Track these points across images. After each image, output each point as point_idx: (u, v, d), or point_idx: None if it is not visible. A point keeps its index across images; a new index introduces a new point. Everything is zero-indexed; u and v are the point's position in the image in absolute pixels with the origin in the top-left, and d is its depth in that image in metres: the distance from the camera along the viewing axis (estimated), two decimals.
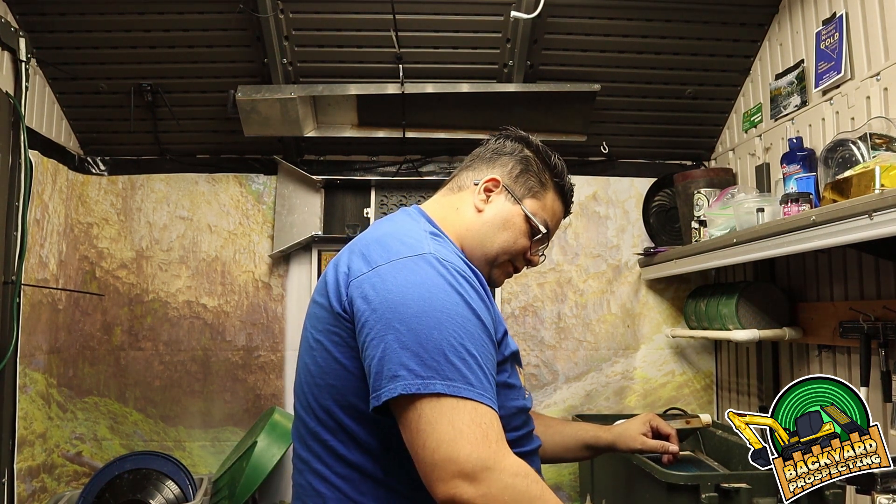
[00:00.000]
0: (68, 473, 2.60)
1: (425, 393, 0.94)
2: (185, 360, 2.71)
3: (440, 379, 0.94)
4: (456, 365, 0.96)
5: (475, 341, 1.00)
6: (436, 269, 1.04)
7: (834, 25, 1.97)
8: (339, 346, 1.07)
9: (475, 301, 1.04)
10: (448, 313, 0.99)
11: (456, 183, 1.33)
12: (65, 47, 2.38)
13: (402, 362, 0.95)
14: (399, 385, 0.94)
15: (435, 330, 0.97)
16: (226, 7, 2.26)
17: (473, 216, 1.27)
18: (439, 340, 0.96)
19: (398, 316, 0.98)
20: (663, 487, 1.65)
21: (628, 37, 2.42)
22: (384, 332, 0.98)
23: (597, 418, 2.53)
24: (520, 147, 1.36)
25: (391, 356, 0.96)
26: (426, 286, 1.01)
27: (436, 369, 0.95)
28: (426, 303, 0.99)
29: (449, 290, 1.02)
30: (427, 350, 0.96)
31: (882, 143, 1.68)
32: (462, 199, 1.29)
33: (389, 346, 0.97)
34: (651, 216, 2.82)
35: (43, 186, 2.44)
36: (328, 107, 2.58)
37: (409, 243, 1.09)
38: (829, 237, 1.58)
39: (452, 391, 0.94)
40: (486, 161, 1.34)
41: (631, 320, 2.82)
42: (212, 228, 2.76)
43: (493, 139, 1.38)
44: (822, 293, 2.14)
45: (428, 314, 0.98)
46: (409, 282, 1.01)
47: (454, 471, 0.90)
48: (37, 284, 2.39)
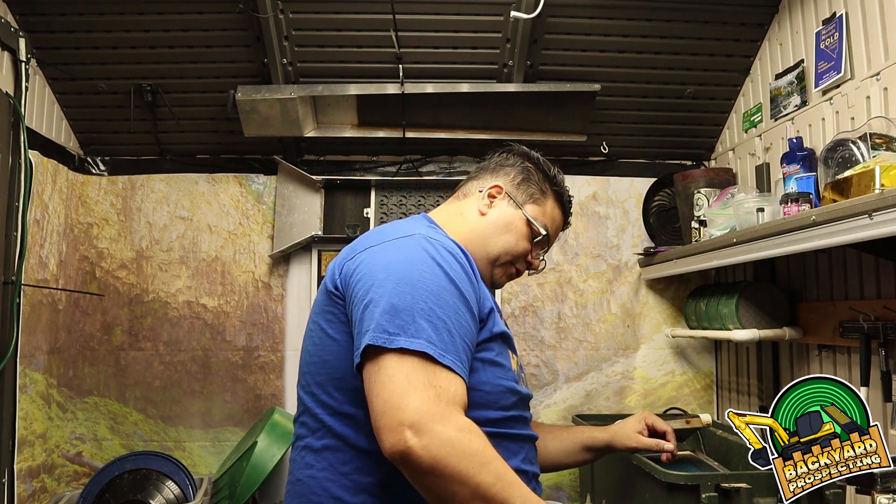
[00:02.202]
0: (68, 473, 2.60)
1: (390, 348, 0.99)
2: (185, 361, 2.71)
3: (405, 336, 1.00)
4: (422, 326, 1.01)
5: (448, 308, 1.06)
6: (421, 246, 1.13)
7: (834, 25, 1.97)
8: (332, 322, 1.16)
9: (456, 273, 1.11)
10: (425, 281, 1.06)
11: (462, 192, 1.44)
12: (65, 47, 2.38)
13: (376, 320, 1.02)
14: (367, 338, 1.01)
15: (409, 295, 1.04)
16: (226, 7, 2.26)
17: (477, 219, 1.36)
18: (412, 303, 1.03)
19: (379, 281, 1.07)
20: (663, 487, 1.65)
21: (628, 37, 2.42)
22: (364, 296, 1.07)
23: (597, 418, 2.53)
24: (521, 160, 1.44)
25: (368, 316, 1.04)
26: (409, 258, 1.10)
27: (403, 328, 1.00)
28: (406, 271, 1.08)
29: (430, 261, 1.10)
30: (399, 310, 1.02)
31: (882, 142, 1.68)
32: (467, 205, 1.39)
33: (368, 308, 1.05)
34: (651, 216, 2.82)
35: (43, 186, 2.44)
36: (328, 107, 2.58)
37: (402, 230, 1.21)
38: (829, 237, 1.58)
39: (415, 347, 0.99)
40: (490, 171, 1.43)
41: (631, 320, 2.82)
42: (212, 228, 2.76)
43: (496, 153, 1.47)
44: (822, 293, 2.14)
45: (406, 280, 1.06)
46: (395, 256, 1.11)
47: (400, 419, 0.94)
48: (37, 285, 2.39)
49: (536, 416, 2.76)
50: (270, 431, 2.38)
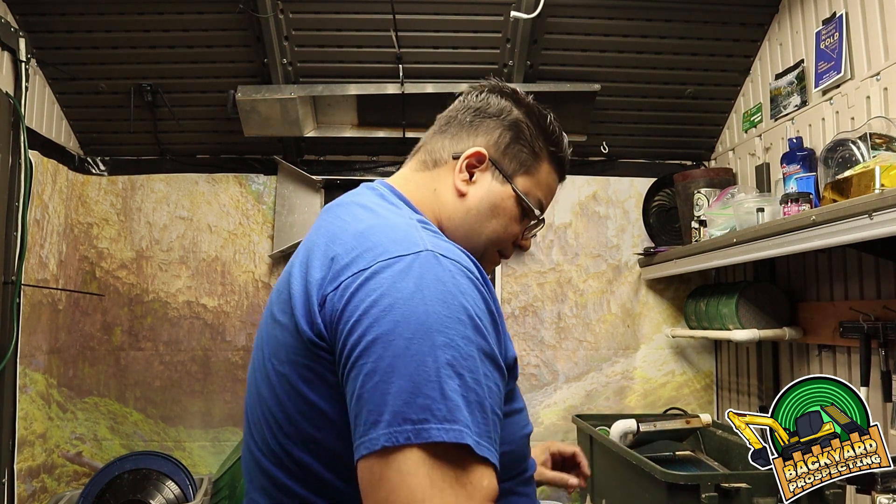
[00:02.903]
0: (68, 473, 2.60)
1: (416, 444, 0.70)
2: (185, 361, 2.71)
3: (435, 421, 0.71)
4: (455, 403, 0.72)
5: (478, 372, 0.75)
6: (434, 273, 0.78)
7: (834, 25, 1.97)
8: (313, 384, 0.81)
9: (481, 312, 0.79)
10: (449, 334, 0.75)
11: (430, 154, 1.04)
12: (65, 47, 2.38)
13: (389, 403, 0.71)
14: (380, 433, 0.71)
15: (430, 358, 0.73)
16: (226, 7, 2.26)
17: (455, 202, 1.00)
18: (436, 370, 0.72)
19: (385, 335, 0.74)
20: (663, 487, 1.64)
21: (628, 37, 2.42)
22: (364, 358, 0.74)
23: (597, 418, 2.53)
24: (507, 106, 1.06)
25: (375, 393, 0.72)
26: (423, 298, 0.76)
27: (429, 409, 0.71)
28: (422, 321, 0.74)
29: (451, 299, 0.77)
30: (419, 384, 0.72)
31: (882, 142, 1.68)
32: (440, 178, 1.02)
33: (372, 379, 0.73)
34: (651, 216, 2.82)
35: (43, 186, 2.44)
36: (328, 107, 2.58)
37: (399, 238, 0.83)
38: (829, 237, 1.58)
39: (451, 438, 0.71)
40: (467, 126, 1.04)
41: (631, 320, 2.82)
42: (212, 228, 2.76)
43: (473, 93, 1.08)
44: (822, 293, 2.14)
45: (423, 336, 0.74)
46: (402, 290, 0.76)
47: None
48: (37, 285, 2.39)
49: (536, 416, 2.76)
50: None
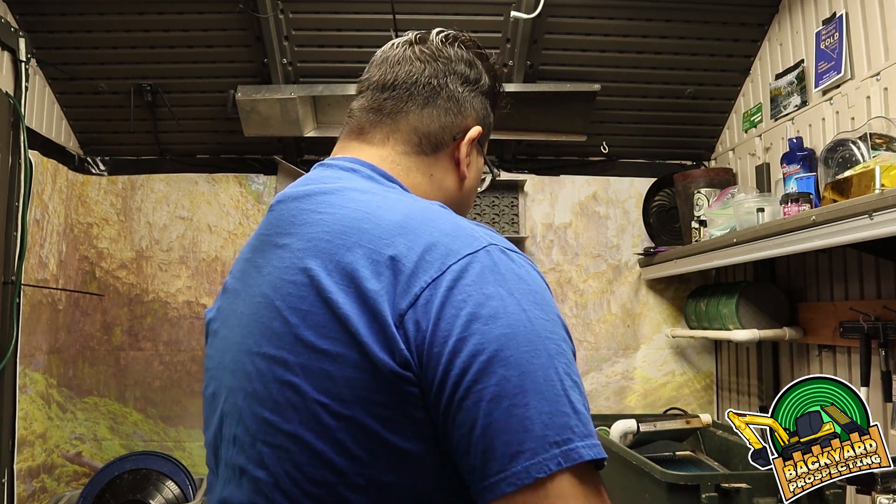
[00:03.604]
0: (68, 474, 2.60)
1: (567, 467, 0.62)
2: (185, 361, 2.71)
3: (579, 439, 0.63)
4: (584, 416, 0.65)
5: (579, 374, 0.68)
6: (513, 272, 0.69)
7: (834, 25, 1.97)
8: (395, 424, 0.67)
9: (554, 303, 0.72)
10: (555, 339, 0.67)
11: (423, 135, 0.87)
12: (65, 47, 2.38)
13: (527, 426, 0.62)
14: (531, 465, 0.61)
15: (551, 369, 0.65)
16: (226, 7, 2.26)
17: (455, 187, 0.91)
18: (560, 381, 0.65)
19: (501, 354, 0.63)
20: (663, 487, 1.64)
21: (628, 37, 2.42)
22: (481, 383, 0.63)
23: (597, 418, 2.53)
24: (482, 73, 0.92)
25: (507, 419, 0.62)
26: (516, 300, 0.67)
27: (570, 427, 0.63)
28: (528, 328, 0.65)
29: (541, 301, 0.68)
30: (551, 399, 0.63)
31: (882, 142, 1.68)
32: (438, 164, 0.89)
33: (497, 404, 0.63)
34: (651, 216, 2.82)
35: (43, 186, 2.44)
36: (328, 107, 2.58)
37: (448, 230, 0.71)
38: (829, 237, 1.58)
39: (596, 454, 0.64)
40: (457, 101, 0.88)
41: (631, 320, 2.82)
42: (212, 228, 2.76)
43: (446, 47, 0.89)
44: (822, 293, 2.14)
45: (538, 347, 0.65)
46: (495, 298, 0.66)
47: None
48: (37, 284, 2.39)
49: None
50: None
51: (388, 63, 0.89)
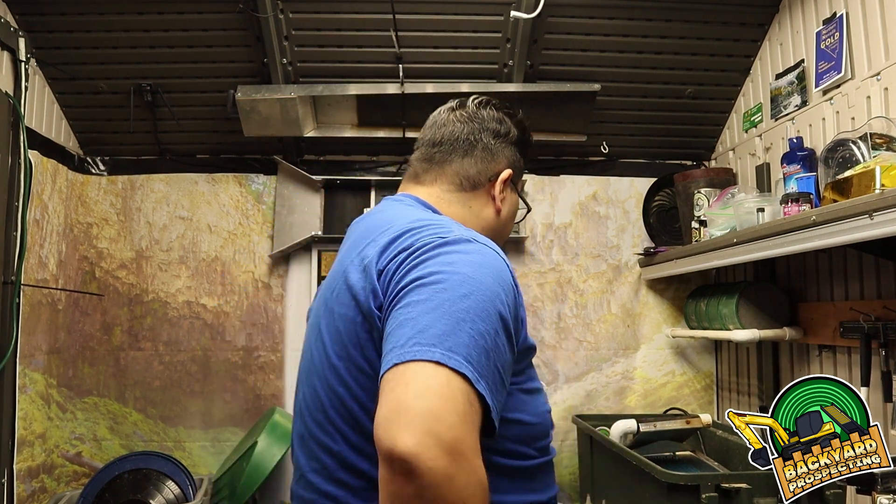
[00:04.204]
0: (68, 474, 2.60)
1: (421, 359, 0.79)
2: (185, 361, 2.71)
3: (442, 349, 0.80)
4: (463, 340, 0.82)
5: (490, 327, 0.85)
6: (481, 255, 0.91)
7: (834, 25, 1.97)
8: (371, 349, 0.93)
9: (509, 290, 0.91)
10: (475, 291, 0.85)
11: (465, 178, 1.15)
12: (65, 47, 2.38)
13: (407, 332, 0.81)
14: (395, 354, 0.80)
15: (452, 301, 0.84)
16: (226, 7, 2.26)
17: (493, 218, 1.17)
18: (454, 312, 0.83)
19: (433, 282, 0.85)
20: (663, 487, 1.64)
21: (628, 37, 2.42)
22: (400, 305, 0.86)
23: (597, 418, 2.53)
24: (511, 127, 1.23)
25: (398, 328, 0.83)
26: (468, 260, 0.89)
27: (440, 339, 0.80)
28: (456, 277, 0.86)
29: (490, 274, 0.89)
30: (437, 319, 0.82)
31: (882, 142, 1.68)
32: (476, 198, 1.16)
33: (399, 318, 0.84)
34: (651, 216, 2.82)
35: (43, 186, 2.44)
36: (328, 107, 2.58)
37: (446, 227, 0.96)
38: (830, 237, 1.58)
39: (453, 364, 0.79)
40: (492, 150, 1.18)
41: (631, 320, 2.82)
42: (212, 228, 2.76)
43: (482, 110, 1.22)
44: (822, 293, 2.14)
45: (452, 288, 0.85)
46: (454, 258, 0.88)
47: (432, 429, 0.74)
48: (37, 284, 2.39)
49: None
50: (271, 432, 2.38)
51: (436, 126, 1.20)
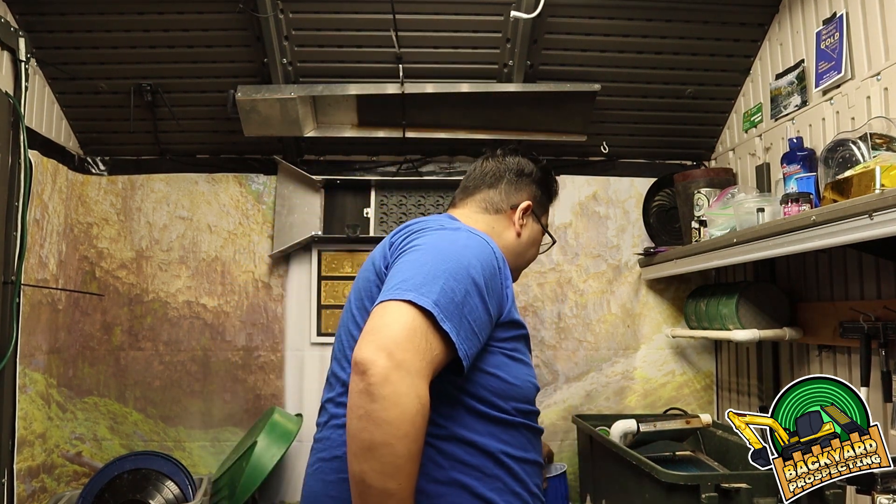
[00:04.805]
0: (68, 473, 2.60)
1: (399, 298, 1.04)
2: (185, 360, 2.71)
3: (416, 293, 1.05)
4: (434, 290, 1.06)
5: (464, 286, 1.10)
6: (462, 233, 1.22)
7: (834, 25, 1.97)
8: None
9: (487, 264, 1.16)
10: (452, 256, 1.13)
11: (490, 203, 1.47)
12: (65, 47, 2.38)
13: (394, 281, 1.09)
14: (382, 296, 1.07)
15: (434, 262, 1.11)
16: (226, 7, 2.26)
17: (514, 239, 1.46)
18: (434, 269, 1.09)
19: (411, 252, 1.16)
20: (663, 487, 1.64)
21: (628, 37, 2.42)
22: (394, 264, 1.16)
23: (597, 418, 2.53)
24: (532, 167, 1.52)
25: (389, 280, 1.12)
26: (447, 238, 1.20)
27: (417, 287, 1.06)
28: (439, 246, 1.16)
29: (464, 244, 1.17)
30: (418, 273, 1.09)
31: (882, 142, 1.68)
32: (499, 221, 1.46)
33: (391, 274, 1.13)
34: (651, 216, 2.82)
35: (43, 186, 2.44)
36: (328, 107, 2.58)
37: (450, 225, 1.28)
38: (830, 237, 1.58)
39: (422, 303, 1.04)
40: (515, 184, 1.48)
41: (631, 320, 2.82)
42: (212, 228, 2.76)
43: (508, 156, 1.52)
44: (822, 293, 2.14)
45: (435, 252, 1.14)
46: (435, 238, 1.20)
47: (388, 346, 0.99)
48: (37, 284, 2.39)
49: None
50: (270, 431, 2.38)
51: (472, 168, 1.54)
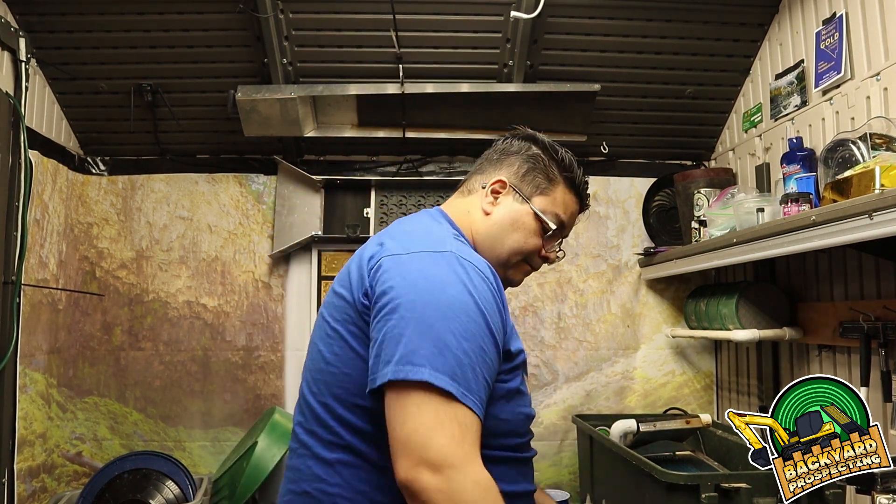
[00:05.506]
0: (68, 473, 2.60)
1: (414, 380, 0.95)
2: (185, 360, 2.71)
3: (430, 369, 0.96)
4: (450, 361, 0.97)
5: (475, 343, 1.01)
6: (453, 267, 1.06)
7: (834, 25, 1.97)
8: (358, 337, 1.09)
9: (487, 302, 1.05)
10: (455, 310, 1.01)
11: (466, 186, 1.36)
12: (65, 47, 2.38)
13: (401, 350, 0.98)
14: (391, 370, 0.97)
15: (439, 322, 0.99)
16: (226, 7, 2.26)
17: (482, 219, 1.29)
18: (441, 334, 0.98)
19: (406, 301, 1.01)
20: (663, 487, 1.65)
21: (628, 37, 2.42)
22: (389, 316, 1.01)
23: (597, 418, 2.53)
24: (527, 145, 1.33)
25: (390, 341, 0.99)
26: (441, 281, 1.04)
27: (429, 360, 0.97)
28: (436, 295, 1.02)
29: (461, 287, 1.03)
30: (426, 340, 0.98)
31: (882, 142, 1.68)
32: (472, 203, 1.31)
33: (391, 331, 1.00)
34: (651, 216, 2.82)
35: (43, 186, 2.44)
36: (328, 107, 2.58)
37: (433, 240, 1.14)
38: (829, 237, 1.58)
39: (440, 384, 0.95)
40: (494, 163, 1.34)
41: (631, 320, 2.82)
42: (212, 228, 2.76)
43: (500, 140, 1.38)
44: (822, 293, 2.14)
45: (433, 307, 1.00)
46: (426, 273, 1.05)
47: (422, 457, 0.93)
48: (37, 284, 2.39)
49: (536, 416, 2.75)
50: (271, 431, 2.38)
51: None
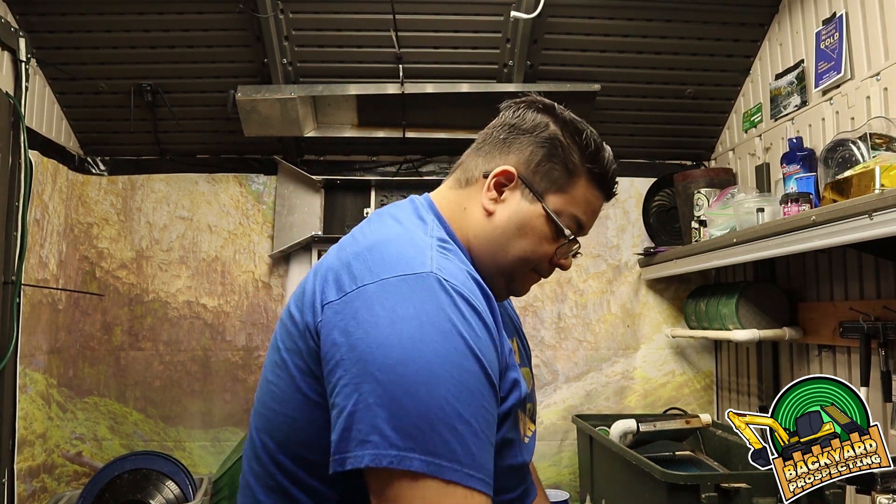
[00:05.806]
0: (68, 473, 2.60)
1: (399, 469, 0.74)
2: (185, 360, 2.71)
3: (420, 453, 0.74)
4: (443, 436, 0.75)
5: (473, 401, 0.78)
6: (435, 297, 0.81)
7: (834, 25, 1.97)
8: (303, 371, 0.87)
9: (481, 341, 0.82)
10: (442, 363, 0.77)
11: (464, 173, 1.05)
12: (65, 47, 2.38)
13: (376, 424, 0.75)
14: (368, 454, 0.75)
15: (423, 385, 0.76)
16: (226, 7, 2.26)
17: (482, 220, 1.00)
18: (426, 400, 0.75)
19: (379, 361, 0.77)
20: (663, 487, 1.65)
21: (628, 37, 2.42)
22: (359, 380, 0.77)
23: (597, 418, 2.53)
24: (543, 122, 1.01)
25: (363, 413, 0.76)
26: (419, 322, 0.79)
27: (416, 439, 0.74)
28: (416, 346, 0.77)
29: (448, 326, 0.79)
30: (408, 412, 0.75)
31: (882, 142, 1.68)
32: (470, 197, 1.02)
33: (363, 400, 0.76)
34: (651, 216, 2.82)
35: (43, 186, 2.44)
36: (328, 107, 2.58)
37: (407, 256, 0.86)
38: (829, 237, 1.58)
39: (434, 472, 0.74)
40: (500, 144, 1.03)
41: (631, 320, 2.82)
42: (212, 228, 2.76)
43: (510, 109, 1.06)
44: (822, 293, 2.14)
45: (416, 362, 0.76)
46: (399, 314, 0.79)
47: None
48: (37, 284, 2.39)
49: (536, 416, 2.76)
50: None
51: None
